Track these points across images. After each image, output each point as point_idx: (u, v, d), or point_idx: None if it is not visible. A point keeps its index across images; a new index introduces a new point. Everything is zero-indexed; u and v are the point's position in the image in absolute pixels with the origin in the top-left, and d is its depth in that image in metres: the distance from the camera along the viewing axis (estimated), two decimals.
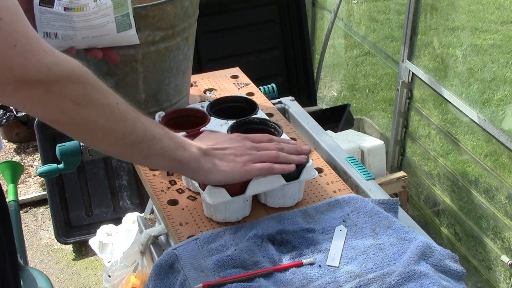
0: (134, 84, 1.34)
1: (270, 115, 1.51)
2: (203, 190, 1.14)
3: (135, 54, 1.30)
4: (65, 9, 1.13)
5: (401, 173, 2.52)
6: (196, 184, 1.17)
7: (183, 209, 1.21)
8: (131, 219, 2.51)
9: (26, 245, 2.62)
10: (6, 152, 3.49)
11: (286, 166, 1.16)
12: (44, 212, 3.01)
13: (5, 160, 2.97)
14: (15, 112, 3.42)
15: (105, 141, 0.99)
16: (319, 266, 1.07)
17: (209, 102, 1.42)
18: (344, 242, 1.12)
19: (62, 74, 0.89)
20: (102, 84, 0.96)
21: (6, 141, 3.58)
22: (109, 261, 2.43)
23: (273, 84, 1.70)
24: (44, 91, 0.88)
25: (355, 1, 3.41)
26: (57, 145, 1.48)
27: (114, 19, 1.15)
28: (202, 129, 1.32)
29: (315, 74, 3.20)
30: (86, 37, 1.16)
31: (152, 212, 1.96)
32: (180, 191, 1.26)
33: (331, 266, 1.07)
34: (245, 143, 1.16)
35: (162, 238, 1.46)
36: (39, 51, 0.86)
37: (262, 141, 1.19)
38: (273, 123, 1.33)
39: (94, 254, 2.65)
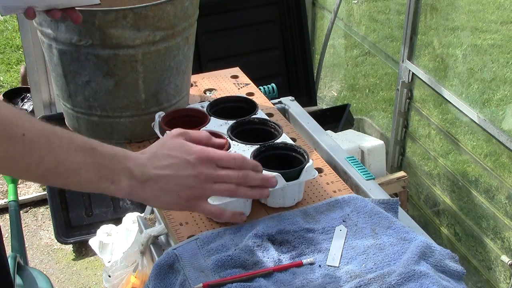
0: (134, 84, 1.34)
1: (270, 115, 1.51)
2: None
3: (135, 54, 1.30)
4: None
5: (401, 173, 2.52)
6: None
7: None
8: (131, 219, 2.50)
9: (26, 245, 2.62)
10: None
11: (238, 216, 1.08)
12: (44, 212, 3.01)
13: None
14: None
15: (9, 172, 0.89)
16: (319, 266, 1.07)
17: (209, 102, 1.42)
18: (344, 242, 1.12)
19: None
20: (10, 114, 0.83)
21: None
22: (109, 261, 2.43)
23: (273, 84, 1.70)
24: None
25: (355, 1, 3.40)
26: None
27: None
28: (202, 129, 1.32)
29: (315, 74, 3.20)
30: None
31: (152, 212, 1.96)
32: None
33: (331, 266, 1.07)
34: (201, 171, 0.98)
35: (162, 238, 1.46)
36: None
37: (229, 165, 1.01)
38: (273, 123, 1.33)
39: (94, 254, 2.65)
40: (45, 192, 2.83)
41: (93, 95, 1.35)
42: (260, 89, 1.65)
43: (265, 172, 1.16)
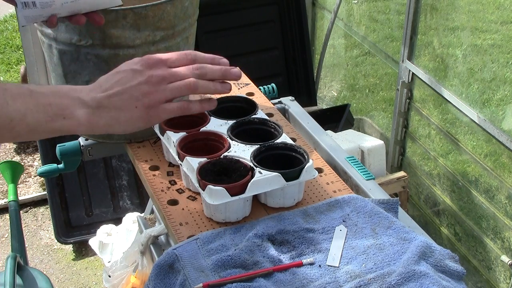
0: None
1: (270, 115, 1.51)
2: (203, 190, 1.14)
3: (135, 54, 1.30)
4: None
5: (401, 173, 2.52)
6: (196, 184, 1.17)
7: (183, 209, 1.21)
8: (131, 219, 2.51)
9: (26, 245, 2.61)
10: (6, 152, 3.49)
11: (207, 103, 0.97)
12: (44, 212, 3.01)
13: (5, 160, 2.97)
14: None
15: None
16: (319, 266, 1.07)
17: None
18: (344, 242, 1.12)
19: None
20: None
21: None
22: (109, 261, 2.43)
23: (273, 84, 1.70)
24: None
25: (355, 1, 3.40)
26: (57, 145, 1.48)
27: None
28: (202, 129, 1.32)
29: (315, 74, 3.20)
30: (65, 3, 1.12)
31: (152, 212, 1.96)
32: (180, 191, 1.26)
33: (331, 266, 1.07)
34: (150, 75, 0.91)
35: (162, 238, 1.46)
36: None
37: (182, 63, 0.93)
38: (273, 123, 1.33)
39: (94, 254, 2.65)
40: (45, 192, 2.83)
41: None
42: (260, 89, 1.65)
43: (265, 172, 1.16)
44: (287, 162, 1.22)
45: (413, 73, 2.54)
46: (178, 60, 0.93)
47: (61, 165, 1.50)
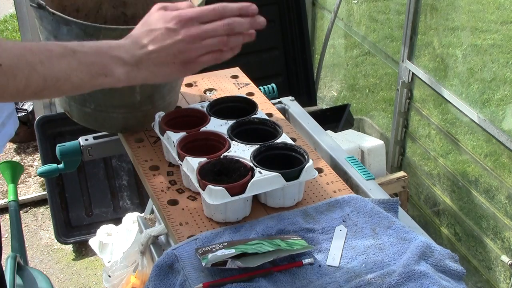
0: (131, 87, 1.34)
1: (270, 115, 1.51)
2: (203, 190, 1.14)
3: None
4: None
5: (401, 173, 2.52)
6: (196, 184, 1.17)
7: (183, 209, 1.21)
8: (131, 219, 2.51)
9: (26, 245, 2.61)
10: (6, 152, 3.49)
11: (237, 49, 1.05)
12: (44, 212, 3.01)
13: (5, 160, 2.97)
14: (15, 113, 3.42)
15: (1, 99, 0.91)
16: (319, 266, 1.07)
17: (209, 102, 1.42)
18: (344, 242, 1.12)
19: None
20: None
21: None
22: (109, 261, 2.43)
23: (273, 84, 1.70)
24: None
25: (355, 1, 3.40)
26: (57, 145, 1.48)
27: None
28: (202, 129, 1.32)
29: (315, 74, 3.20)
30: None
31: (152, 212, 1.96)
32: (180, 191, 1.26)
33: (331, 266, 1.07)
34: (185, 34, 0.97)
35: (162, 238, 1.46)
36: None
37: (212, 18, 0.99)
38: (273, 123, 1.33)
39: (94, 254, 2.65)
40: (45, 192, 2.83)
41: (89, 93, 1.35)
42: (260, 89, 1.65)
43: (265, 172, 1.16)
44: (287, 162, 1.22)
45: (413, 73, 2.54)
46: (207, 16, 0.99)
47: (61, 165, 1.51)
